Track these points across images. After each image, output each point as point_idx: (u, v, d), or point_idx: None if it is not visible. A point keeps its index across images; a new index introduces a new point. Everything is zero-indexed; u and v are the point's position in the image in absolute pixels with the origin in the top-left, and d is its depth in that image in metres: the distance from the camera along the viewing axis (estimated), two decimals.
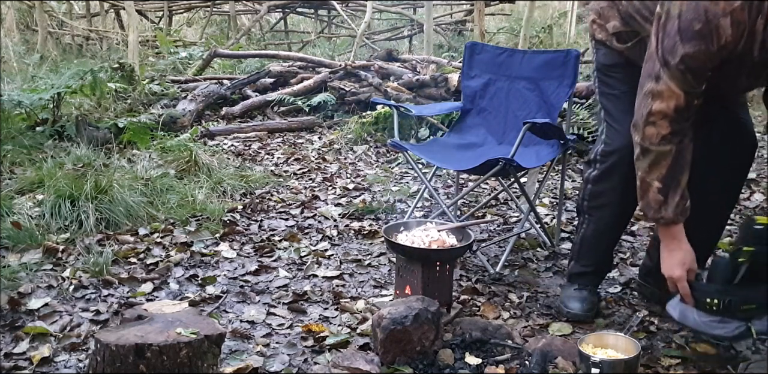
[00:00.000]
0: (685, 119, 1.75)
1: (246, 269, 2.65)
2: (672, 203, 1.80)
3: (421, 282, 2.15)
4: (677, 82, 1.69)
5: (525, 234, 3.00)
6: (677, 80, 1.68)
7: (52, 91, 4.38)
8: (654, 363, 1.98)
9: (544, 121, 2.57)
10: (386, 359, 1.91)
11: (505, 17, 11.11)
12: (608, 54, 2.11)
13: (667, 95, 1.71)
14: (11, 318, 2.19)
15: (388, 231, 2.29)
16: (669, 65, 1.68)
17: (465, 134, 3.12)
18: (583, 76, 5.76)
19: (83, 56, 8.84)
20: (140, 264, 2.66)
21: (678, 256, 1.84)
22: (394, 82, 5.39)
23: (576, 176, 4.05)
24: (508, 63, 3.09)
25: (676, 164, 1.78)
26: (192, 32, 10.81)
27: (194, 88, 5.74)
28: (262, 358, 1.98)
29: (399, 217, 3.11)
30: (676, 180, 1.80)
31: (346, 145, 4.65)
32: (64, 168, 3.43)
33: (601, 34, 2.10)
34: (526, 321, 2.24)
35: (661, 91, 1.71)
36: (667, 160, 1.78)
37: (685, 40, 1.64)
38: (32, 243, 2.74)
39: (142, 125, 4.42)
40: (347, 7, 10.14)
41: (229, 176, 3.70)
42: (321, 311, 2.30)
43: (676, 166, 1.78)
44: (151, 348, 1.62)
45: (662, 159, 1.78)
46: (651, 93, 1.73)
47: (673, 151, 1.77)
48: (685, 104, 1.71)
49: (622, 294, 2.47)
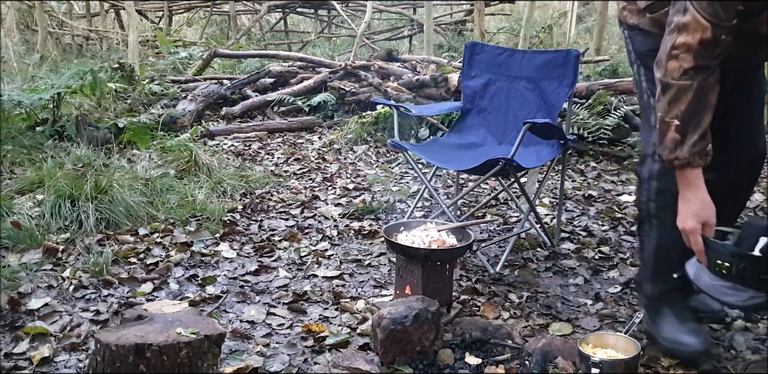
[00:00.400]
0: (711, 56, 1.64)
1: (246, 269, 2.65)
2: (689, 142, 1.67)
3: (421, 282, 2.15)
4: (705, 12, 1.59)
5: (525, 234, 3.00)
6: (705, 10, 1.59)
7: (52, 91, 4.38)
8: (654, 363, 1.97)
9: (544, 121, 2.57)
10: (386, 359, 1.91)
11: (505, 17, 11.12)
12: (644, 40, 1.99)
13: (693, 27, 1.61)
14: (11, 318, 2.19)
15: (388, 231, 2.29)
16: None
17: (465, 134, 3.12)
18: (583, 76, 5.77)
19: (83, 56, 8.84)
20: (140, 264, 2.66)
21: (693, 206, 1.70)
22: (394, 82, 5.39)
23: (576, 176, 4.05)
24: (508, 63, 3.09)
25: (697, 101, 1.66)
26: (192, 32, 10.81)
27: (194, 88, 5.74)
28: (262, 358, 1.98)
29: (399, 217, 3.11)
30: (696, 119, 1.67)
31: (346, 145, 4.65)
32: (64, 168, 3.43)
33: (632, 18, 2.00)
34: (526, 321, 2.24)
35: (687, 23, 1.62)
36: (687, 96, 1.66)
37: None
38: (32, 243, 2.74)
39: (142, 125, 4.42)
40: (347, 7, 10.14)
41: (229, 176, 3.70)
42: (321, 311, 2.30)
43: (698, 103, 1.66)
44: (151, 348, 1.62)
45: (682, 94, 1.67)
46: (677, 26, 1.64)
47: (695, 86, 1.65)
48: (711, 37, 1.61)
49: (622, 294, 2.47)
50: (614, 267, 2.71)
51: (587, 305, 2.38)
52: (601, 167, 4.25)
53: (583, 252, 2.86)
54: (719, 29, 1.61)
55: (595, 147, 4.39)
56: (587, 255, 2.83)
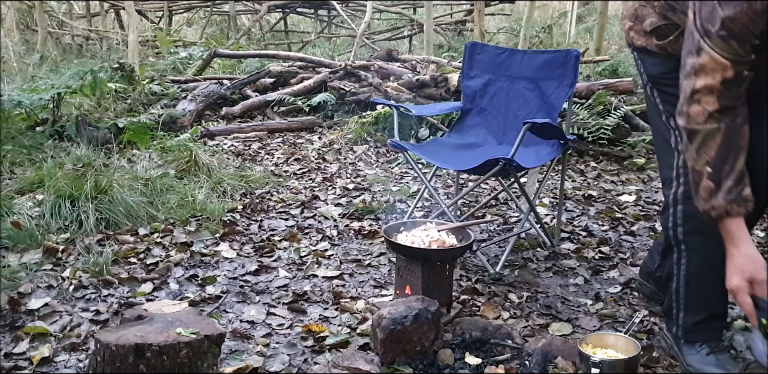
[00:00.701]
0: (735, 95, 1.55)
1: (246, 269, 2.65)
2: (724, 189, 1.55)
3: (421, 282, 2.15)
4: (721, 51, 1.50)
5: (525, 234, 3.00)
6: (720, 49, 1.50)
7: (52, 91, 4.38)
8: (654, 363, 1.98)
9: (544, 121, 2.57)
10: (386, 359, 1.91)
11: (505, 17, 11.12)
12: (655, 63, 1.93)
13: (711, 67, 1.52)
14: (11, 318, 2.19)
15: (388, 231, 2.29)
16: (710, 34, 1.50)
17: (465, 134, 3.12)
18: (583, 76, 5.77)
19: (83, 56, 8.84)
20: (140, 264, 2.66)
21: (737, 262, 1.56)
22: (394, 82, 5.39)
23: (576, 176, 4.05)
24: (508, 63, 3.09)
25: (727, 145, 1.55)
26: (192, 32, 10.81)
27: (194, 88, 5.74)
28: (262, 358, 1.98)
29: (399, 217, 3.11)
30: (728, 163, 1.56)
31: (346, 145, 4.65)
32: (64, 168, 3.43)
33: (639, 40, 1.93)
34: (526, 321, 2.24)
35: (704, 65, 1.53)
36: (716, 140, 1.55)
37: (724, 3, 1.47)
38: (32, 243, 2.74)
39: (142, 125, 4.42)
40: (347, 7, 10.15)
41: (229, 176, 3.70)
42: (321, 311, 2.30)
43: (728, 146, 1.55)
44: (151, 348, 1.62)
45: (710, 139, 1.56)
46: (693, 69, 1.55)
47: (723, 129, 1.55)
48: (733, 75, 1.51)
49: (622, 294, 2.47)
50: (614, 267, 2.71)
51: (587, 305, 2.38)
52: (601, 167, 4.25)
53: (583, 252, 2.86)
54: (740, 66, 1.53)
55: (595, 147, 4.39)
56: (587, 255, 2.83)
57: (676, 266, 1.92)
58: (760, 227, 3.06)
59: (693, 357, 1.91)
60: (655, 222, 3.21)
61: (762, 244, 2.93)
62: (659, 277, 2.24)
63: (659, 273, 2.24)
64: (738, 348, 2.05)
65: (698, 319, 1.92)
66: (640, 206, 3.50)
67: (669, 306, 1.99)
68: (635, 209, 3.45)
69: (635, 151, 4.37)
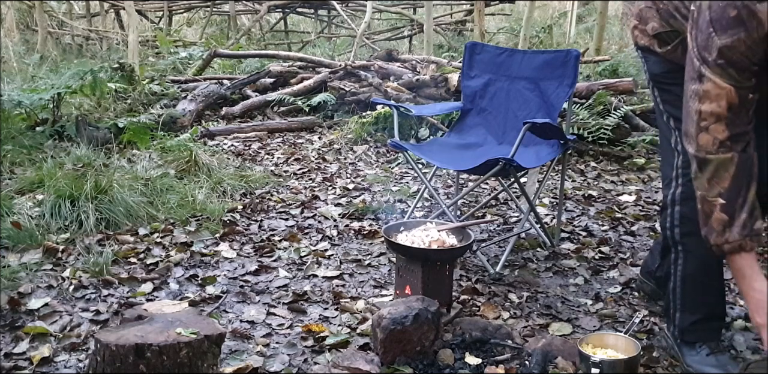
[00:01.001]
0: (744, 121, 1.53)
1: (246, 269, 2.65)
2: (738, 222, 1.53)
3: (421, 282, 2.15)
4: (721, 78, 1.49)
5: (525, 234, 3.00)
6: (720, 76, 1.49)
7: (52, 91, 4.38)
8: (654, 363, 1.98)
9: (544, 121, 2.57)
10: (386, 359, 1.91)
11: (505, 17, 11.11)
12: (657, 61, 1.93)
13: (715, 93, 1.50)
14: (11, 318, 2.19)
15: (388, 231, 2.29)
16: (708, 62, 1.50)
17: (465, 134, 3.12)
18: (583, 76, 5.77)
19: (83, 56, 8.83)
20: (140, 264, 2.66)
21: (755, 299, 1.54)
22: (394, 82, 5.39)
23: (576, 176, 4.05)
24: (508, 63, 3.09)
25: (740, 175, 1.52)
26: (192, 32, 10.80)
27: (194, 88, 5.73)
28: (262, 358, 1.98)
29: (399, 217, 3.11)
30: (742, 195, 1.53)
31: (346, 145, 4.65)
32: (64, 168, 3.43)
33: (643, 39, 1.94)
34: (526, 321, 2.24)
35: (707, 91, 1.51)
36: (729, 171, 1.52)
37: (719, 31, 1.46)
38: (32, 243, 2.74)
39: (142, 125, 4.42)
40: (347, 7, 10.14)
41: (229, 176, 3.70)
42: (321, 311, 2.30)
43: (741, 177, 1.53)
44: (151, 348, 1.62)
45: (723, 170, 1.53)
46: (696, 95, 1.54)
47: (736, 159, 1.52)
48: (738, 100, 1.50)
49: (622, 294, 2.47)
50: (614, 267, 2.71)
51: (587, 305, 2.38)
52: (601, 167, 4.25)
53: (583, 252, 2.86)
54: (743, 90, 1.51)
55: (595, 147, 4.39)
56: (587, 255, 2.83)
57: (673, 266, 1.93)
58: None
59: (693, 357, 1.91)
60: (655, 222, 3.21)
61: (762, 245, 2.93)
62: (660, 277, 2.24)
63: (659, 273, 2.25)
64: (738, 348, 2.05)
65: (694, 319, 1.92)
66: (640, 206, 3.50)
67: (667, 305, 2.00)
68: (635, 209, 3.45)
69: (635, 151, 4.37)
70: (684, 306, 1.92)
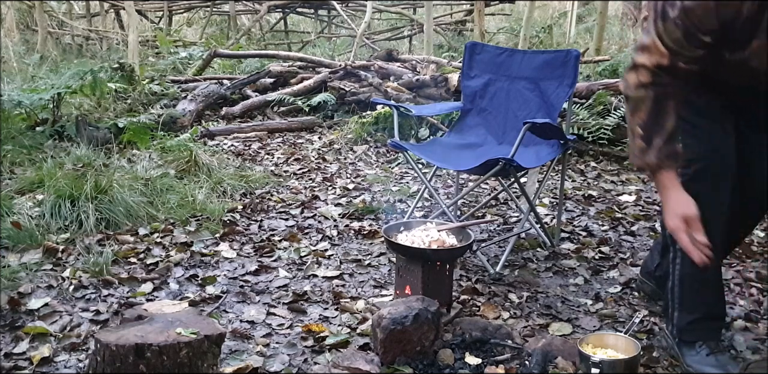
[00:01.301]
0: (670, 78, 1.68)
1: (246, 269, 2.65)
2: (655, 147, 1.70)
3: (421, 282, 2.15)
4: (667, 38, 1.61)
5: (525, 234, 3.00)
6: (668, 36, 1.61)
7: (52, 91, 4.38)
8: (654, 363, 1.98)
9: (544, 121, 2.57)
10: (386, 359, 1.91)
11: (505, 17, 11.11)
12: None
13: (653, 51, 1.65)
14: (11, 318, 2.19)
15: (388, 231, 2.29)
16: (666, 17, 1.59)
17: (465, 134, 3.12)
18: (583, 76, 5.76)
19: (83, 56, 8.83)
20: (140, 264, 2.66)
21: (670, 205, 1.70)
22: (394, 82, 5.39)
23: (576, 176, 4.05)
24: (508, 63, 3.09)
25: (656, 109, 1.70)
26: (192, 32, 10.80)
27: (194, 88, 5.73)
28: (262, 358, 1.98)
29: (399, 217, 3.11)
30: (658, 124, 1.71)
31: (346, 145, 4.65)
32: (64, 168, 3.43)
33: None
34: (526, 321, 2.24)
35: (648, 46, 1.66)
36: (646, 105, 1.70)
37: None
38: (32, 243, 2.74)
39: (142, 125, 4.42)
40: (347, 7, 10.14)
41: (229, 176, 3.70)
42: (321, 311, 2.30)
43: (657, 111, 1.70)
44: (151, 348, 1.62)
45: (641, 104, 1.71)
46: (641, 45, 1.69)
47: (651, 96, 1.69)
48: (668, 65, 1.64)
49: (622, 294, 2.47)
50: (614, 267, 2.71)
51: (587, 305, 2.38)
52: (601, 167, 4.25)
53: (583, 252, 2.86)
54: (678, 57, 1.63)
55: (595, 147, 4.39)
56: (587, 255, 2.83)
57: (671, 265, 1.94)
58: (760, 227, 3.06)
59: (693, 357, 1.91)
60: (655, 222, 3.21)
61: (762, 244, 2.93)
62: (659, 276, 2.24)
63: (659, 273, 2.25)
64: (738, 348, 2.05)
65: (692, 319, 1.92)
66: (640, 206, 3.50)
67: (666, 305, 2.01)
68: (635, 209, 3.45)
69: None
70: (682, 306, 1.93)
